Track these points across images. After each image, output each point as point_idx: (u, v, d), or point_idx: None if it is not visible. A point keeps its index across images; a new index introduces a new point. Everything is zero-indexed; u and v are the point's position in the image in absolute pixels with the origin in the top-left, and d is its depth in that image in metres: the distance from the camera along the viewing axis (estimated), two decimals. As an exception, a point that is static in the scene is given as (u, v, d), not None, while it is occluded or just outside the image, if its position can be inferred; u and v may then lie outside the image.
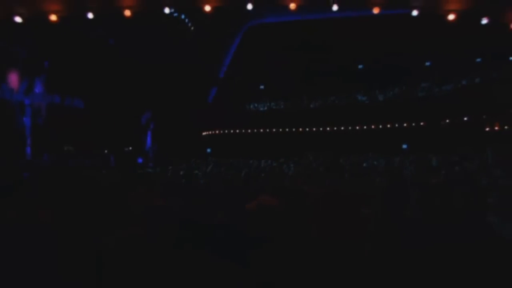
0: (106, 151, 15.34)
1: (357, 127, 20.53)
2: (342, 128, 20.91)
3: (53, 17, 7.02)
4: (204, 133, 22.96)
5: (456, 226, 2.67)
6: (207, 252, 2.42)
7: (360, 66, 21.79)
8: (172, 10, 14.35)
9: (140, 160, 16.16)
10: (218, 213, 3.22)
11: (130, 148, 17.30)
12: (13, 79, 12.23)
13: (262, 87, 23.80)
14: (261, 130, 22.43)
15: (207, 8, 7.11)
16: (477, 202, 2.97)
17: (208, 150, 21.55)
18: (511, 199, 2.93)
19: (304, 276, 2.24)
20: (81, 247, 2.62)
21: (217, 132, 23.10)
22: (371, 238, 2.84)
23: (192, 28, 17.42)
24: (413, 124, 19.19)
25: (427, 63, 20.18)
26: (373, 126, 20.15)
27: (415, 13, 6.84)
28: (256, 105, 23.60)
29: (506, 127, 15.89)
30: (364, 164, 9.34)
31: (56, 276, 2.47)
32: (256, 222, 2.54)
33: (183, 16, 16.65)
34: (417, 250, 2.59)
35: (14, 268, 2.42)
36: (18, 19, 6.99)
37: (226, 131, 22.97)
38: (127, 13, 7.08)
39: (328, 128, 21.22)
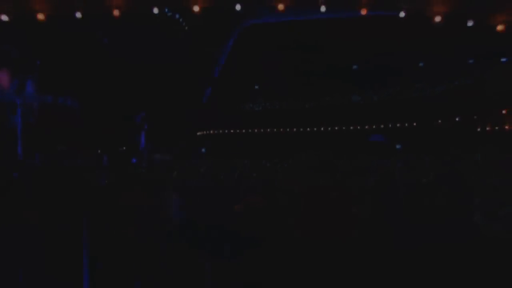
0: (99, 151, 15.22)
1: (352, 127, 20.65)
2: (337, 128, 21.02)
3: (40, 16, 6.93)
4: (198, 133, 22.91)
5: (444, 225, 2.71)
6: (199, 252, 2.42)
7: (354, 67, 21.88)
8: (166, 10, 14.33)
9: (133, 160, 16.05)
10: (211, 213, 3.23)
11: (124, 148, 17.19)
12: (4, 78, 12.09)
13: (257, 87, 23.79)
14: (256, 130, 22.46)
15: (196, 8, 7.09)
16: (465, 202, 3.02)
17: (203, 150, 21.51)
18: (497, 199, 2.99)
19: (292, 276, 2.26)
20: (73, 248, 2.60)
21: (211, 132, 23.07)
22: (361, 237, 2.86)
23: (187, 27, 17.36)
24: (407, 125, 19.37)
25: (421, 64, 20.35)
26: (367, 126, 20.29)
27: (402, 14, 6.94)
28: (251, 105, 23.61)
29: (497, 128, 16.12)
30: (357, 164, 9.39)
31: (46, 277, 2.46)
32: (244, 222, 2.56)
33: (177, 16, 16.58)
34: (407, 249, 2.62)
35: (4, 268, 2.40)
36: (4, 17, 6.87)
37: (221, 131, 22.95)
38: (116, 13, 7.02)
39: (322, 128, 21.33)
